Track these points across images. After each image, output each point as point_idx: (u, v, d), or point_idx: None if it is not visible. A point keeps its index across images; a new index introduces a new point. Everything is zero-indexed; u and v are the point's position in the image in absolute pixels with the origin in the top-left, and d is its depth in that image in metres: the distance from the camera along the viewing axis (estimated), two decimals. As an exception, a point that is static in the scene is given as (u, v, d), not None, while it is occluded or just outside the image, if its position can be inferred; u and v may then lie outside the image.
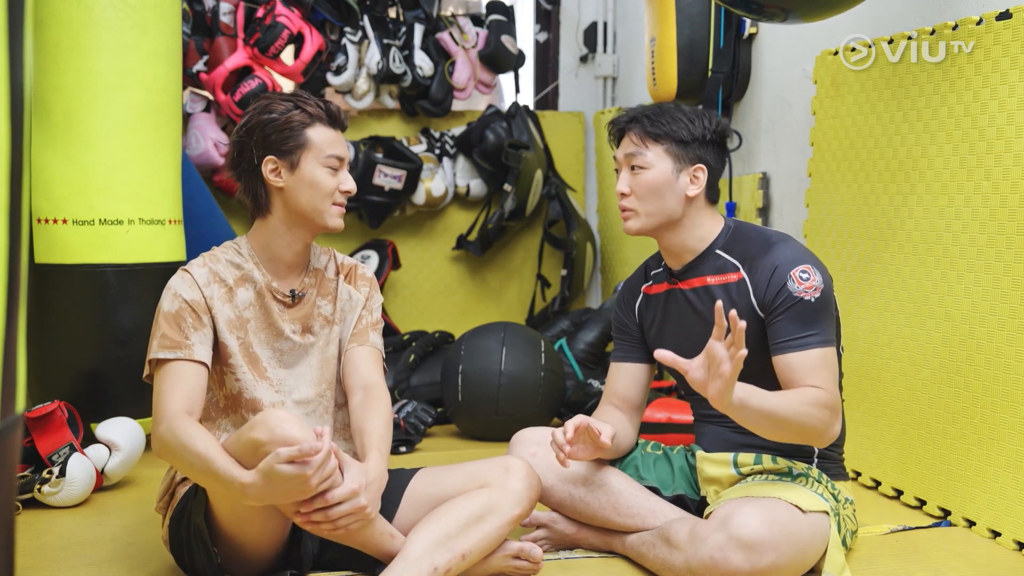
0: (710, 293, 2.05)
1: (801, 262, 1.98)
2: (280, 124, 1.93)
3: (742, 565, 1.79)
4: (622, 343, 2.25)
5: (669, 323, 2.14)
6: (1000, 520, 2.22)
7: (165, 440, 1.79)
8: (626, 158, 2.08)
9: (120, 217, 2.77)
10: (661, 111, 2.08)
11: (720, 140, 2.09)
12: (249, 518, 1.82)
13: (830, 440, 1.92)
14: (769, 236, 2.06)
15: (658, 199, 2.04)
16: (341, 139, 1.99)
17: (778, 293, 1.96)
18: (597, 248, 4.44)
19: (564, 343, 3.68)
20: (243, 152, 1.96)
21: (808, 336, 1.93)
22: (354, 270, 2.12)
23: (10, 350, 0.87)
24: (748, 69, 3.30)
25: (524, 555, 1.98)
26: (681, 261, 2.10)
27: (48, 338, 2.78)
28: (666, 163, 2.05)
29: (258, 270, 1.99)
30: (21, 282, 0.89)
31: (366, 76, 3.99)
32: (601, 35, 4.48)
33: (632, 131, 2.09)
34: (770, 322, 1.98)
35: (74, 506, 2.50)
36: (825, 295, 1.96)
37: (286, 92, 2.02)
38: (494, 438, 3.22)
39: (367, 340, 2.06)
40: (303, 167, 1.94)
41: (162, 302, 1.93)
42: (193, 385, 1.85)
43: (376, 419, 1.94)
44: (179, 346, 1.87)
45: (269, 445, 1.68)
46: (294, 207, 1.96)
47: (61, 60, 2.71)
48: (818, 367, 1.92)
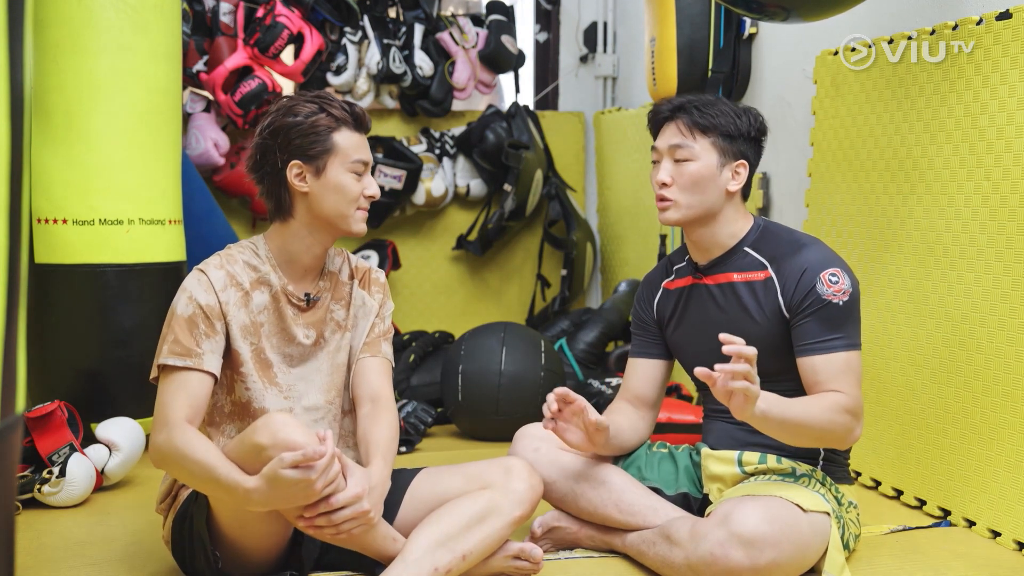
0: (735, 290, 2.05)
1: (831, 265, 1.98)
2: (306, 128, 1.88)
3: (742, 561, 1.79)
4: (640, 338, 2.24)
5: (689, 317, 2.13)
6: (1000, 520, 2.22)
7: (164, 449, 1.78)
8: (671, 149, 2.04)
9: (120, 217, 2.77)
10: (707, 102, 2.05)
11: (760, 138, 2.09)
12: (250, 523, 1.82)
13: (852, 443, 1.96)
14: (799, 238, 2.06)
15: (700, 192, 2.02)
16: (366, 143, 1.96)
17: (807, 295, 1.96)
18: (597, 248, 4.44)
19: (564, 343, 3.68)
20: (266, 155, 1.92)
21: (834, 339, 1.94)
22: (368, 274, 2.09)
23: (10, 350, 0.87)
24: (748, 69, 3.30)
25: (524, 555, 1.97)
26: (709, 256, 2.09)
27: (48, 338, 2.78)
28: (712, 156, 2.03)
29: (274, 272, 1.95)
30: (21, 282, 0.89)
31: (366, 76, 3.99)
32: (601, 35, 4.48)
33: (679, 120, 2.05)
34: (796, 323, 1.98)
35: (74, 506, 2.50)
36: (853, 299, 1.96)
37: (310, 94, 1.96)
38: (494, 438, 3.22)
39: (379, 351, 2.05)
40: (329, 172, 1.90)
41: (176, 303, 1.88)
42: (197, 395, 1.83)
43: (382, 429, 1.93)
44: (189, 354, 1.84)
45: (271, 450, 1.67)
46: (318, 212, 1.92)
47: (61, 60, 2.71)
48: (842, 371, 1.93)
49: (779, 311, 2.00)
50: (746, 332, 2.01)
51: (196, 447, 1.74)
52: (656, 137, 2.10)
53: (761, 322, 2.02)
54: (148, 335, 2.84)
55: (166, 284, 2.89)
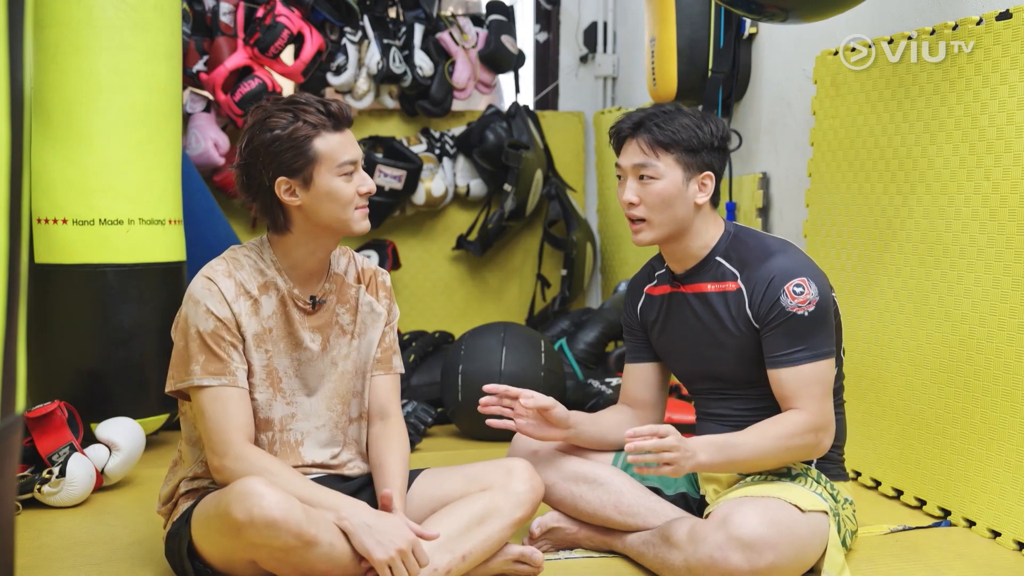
0: (709, 301, 2.04)
1: (796, 275, 1.96)
2: (284, 141, 1.82)
3: (741, 564, 1.79)
4: (630, 342, 2.24)
5: (672, 325, 2.13)
6: (1000, 520, 2.22)
7: (236, 472, 1.80)
8: (634, 168, 2.01)
9: (120, 217, 2.77)
10: (667, 116, 2.01)
11: (725, 145, 2.06)
12: (237, 565, 1.82)
13: (820, 455, 1.98)
14: (768, 245, 2.03)
15: (669, 209, 2.00)
16: (350, 140, 1.89)
17: (771, 307, 1.96)
18: (597, 248, 4.44)
19: (564, 343, 3.68)
20: (252, 175, 1.87)
21: (798, 352, 1.94)
22: (375, 278, 2.06)
23: (10, 350, 0.87)
24: (748, 69, 3.30)
25: (525, 559, 1.97)
26: (684, 266, 2.08)
27: (48, 338, 2.78)
28: (676, 172, 2.00)
29: (280, 277, 1.92)
30: (21, 282, 0.89)
31: (366, 76, 3.99)
32: (601, 35, 4.48)
33: (640, 138, 2.01)
34: (763, 335, 1.98)
35: (74, 506, 2.49)
36: (820, 308, 1.95)
37: (282, 99, 1.90)
38: (494, 438, 3.20)
39: (391, 368, 2.05)
40: (317, 181, 1.84)
41: (193, 318, 1.85)
42: (243, 411, 1.85)
43: (396, 457, 1.96)
44: (224, 372, 1.84)
45: (249, 529, 1.69)
46: (316, 221, 1.88)
47: (61, 60, 2.71)
48: (807, 383, 1.94)
49: (749, 321, 2.00)
50: (722, 342, 2.03)
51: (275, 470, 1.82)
52: (618, 154, 2.07)
53: (735, 332, 2.02)
54: (148, 335, 2.85)
55: (166, 284, 2.89)
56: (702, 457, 1.85)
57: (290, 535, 1.70)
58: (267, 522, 1.68)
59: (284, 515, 1.69)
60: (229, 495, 1.72)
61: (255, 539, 1.70)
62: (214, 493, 1.82)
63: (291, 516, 1.69)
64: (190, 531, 1.85)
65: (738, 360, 2.03)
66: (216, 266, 1.90)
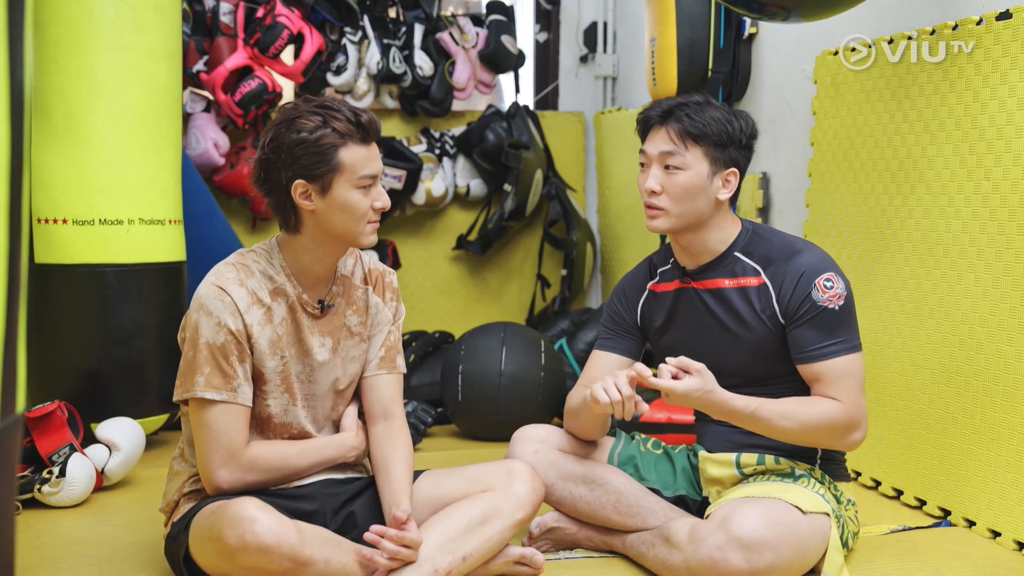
0: (727, 296, 2.03)
1: (826, 270, 1.97)
2: (310, 146, 1.79)
3: (741, 565, 1.79)
4: (611, 333, 2.19)
5: (679, 322, 2.11)
6: (1000, 520, 2.22)
7: (237, 478, 1.85)
8: (661, 156, 1.99)
9: (120, 217, 2.77)
10: (698, 107, 1.98)
11: (752, 143, 2.05)
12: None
13: (852, 448, 1.98)
14: (792, 242, 2.04)
15: (691, 201, 1.98)
16: (375, 154, 1.86)
17: (803, 302, 1.95)
18: (597, 248, 4.44)
19: (564, 343, 3.68)
20: (270, 171, 1.84)
21: (831, 345, 1.94)
22: (381, 278, 2.05)
23: (10, 350, 0.87)
24: (748, 69, 3.30)
25: (526, 560, 1.97)
26: (697, 261, 2.06)
27: (48, 338, 2.78)
28: (703, 166, 1.98)
29: (289, 282, 1.91)
30: (21, 282, 0.89)
31: (366, 76, 3.99)
32: (601, 35, 4.48)
33: (669, 127, 1.99)
34: (792, 329, 1.97)
35: (74, 506, 2.49)
36: (848, 302, 1.96)
37: (314, 100, 1.86)
38: (494, 438, 3.21)
39: (394, 367, 2.04)
40: (335, 191, 1.82)
41: (204, 329, 1.83)
42: (241, 425, 1.86)
43: (400, 462, 1.97)
44: (227, 387, 1.83)
45: (242, 554, 1.69)
46: (326, 228, 1.86)
47: (61, 60, 2.71)
48: (841, 376, 1.94)
49: (775, 316, 1.99)
50: (738, 337, 2.02)
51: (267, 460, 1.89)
52: (644, 140, 2.04)
53: (754, 328, 2.01)
54: (148, 335, 2.85)
55: (166, 284, 2.89)
56: (722, 394, 1.88)
57: (284, 559, 1.70)
58: (260, 548, 1.68)
59: (277, 540, 1.69)
60: (222, 519, 1.72)
61: (248, 563, 1.71)
62: (210, 508, 1.81)
63: (284, 540, 1.70)
64: (187, 539, 1.86)
65: (751, 356, 2.02)
66: (227, 273, 1.87)
